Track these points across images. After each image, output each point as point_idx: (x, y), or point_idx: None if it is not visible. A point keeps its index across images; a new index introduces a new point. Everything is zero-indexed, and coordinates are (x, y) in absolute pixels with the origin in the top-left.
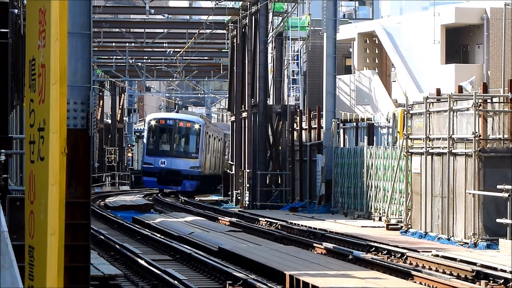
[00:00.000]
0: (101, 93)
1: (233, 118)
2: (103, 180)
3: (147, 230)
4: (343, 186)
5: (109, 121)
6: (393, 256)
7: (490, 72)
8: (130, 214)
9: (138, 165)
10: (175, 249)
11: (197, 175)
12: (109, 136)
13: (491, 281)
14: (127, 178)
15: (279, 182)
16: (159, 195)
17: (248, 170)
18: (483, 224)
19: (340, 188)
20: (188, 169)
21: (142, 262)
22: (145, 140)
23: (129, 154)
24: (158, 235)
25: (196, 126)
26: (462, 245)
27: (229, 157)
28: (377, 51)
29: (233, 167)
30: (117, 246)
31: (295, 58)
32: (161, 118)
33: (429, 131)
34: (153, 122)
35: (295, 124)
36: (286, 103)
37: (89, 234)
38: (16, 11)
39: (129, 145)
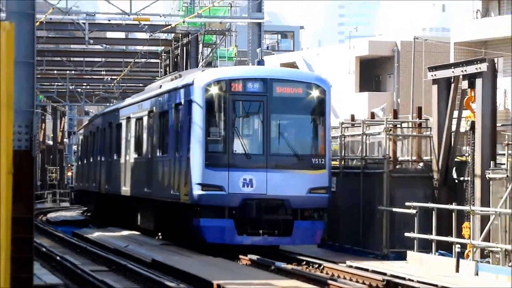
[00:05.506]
0: (43, 117)
1: None
2: (45, 197)
3: (86, 243)
4: None
5: (51, 142)
6: (311, 267)
7: (400, 100)
8: (70, 228)
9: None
10: (112, 261)
11: (324, 207)
12: (51, 156)
13: None
14: (67, 195)
15: None
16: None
17: None
18: (393, 238)
19: None
20: (306, 196)
21: (81, 272)
22: (191, 130)
23: (69, 173)
24: (96, 248)
25: (316, 93)
26: (374, 257)
27: None
28: None
29: None
30: (58, 258)
31: None
32: (237, 77)
33: (344, 153)
34: (214, 90)
35: None
36: None
37: (33, 247)
38: None
39: (69, 165)
